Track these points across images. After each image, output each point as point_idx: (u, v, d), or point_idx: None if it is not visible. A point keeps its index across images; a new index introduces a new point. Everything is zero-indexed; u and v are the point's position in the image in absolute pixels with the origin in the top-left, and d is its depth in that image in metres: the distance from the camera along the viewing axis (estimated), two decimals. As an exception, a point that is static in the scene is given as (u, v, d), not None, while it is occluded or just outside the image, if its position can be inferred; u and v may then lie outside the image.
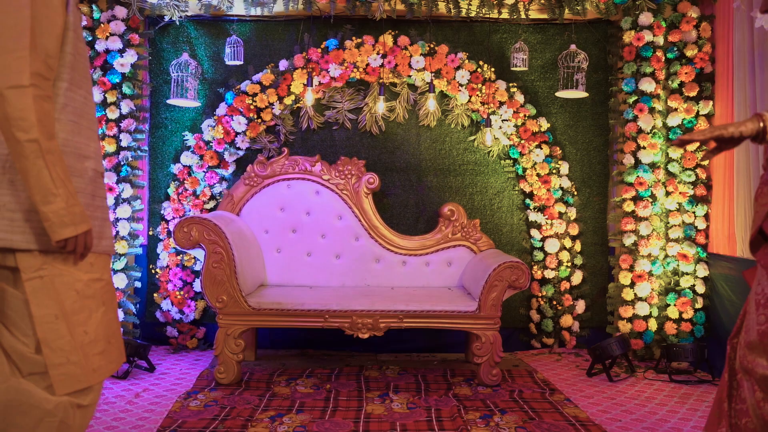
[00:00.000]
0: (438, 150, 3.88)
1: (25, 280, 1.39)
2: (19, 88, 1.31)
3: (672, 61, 3.61)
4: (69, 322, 1.42)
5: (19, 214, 1.39)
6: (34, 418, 1.39)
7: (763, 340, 1.50)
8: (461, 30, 3.86)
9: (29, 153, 1.33)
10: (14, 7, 1.33)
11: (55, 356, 1.40)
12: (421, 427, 2.51)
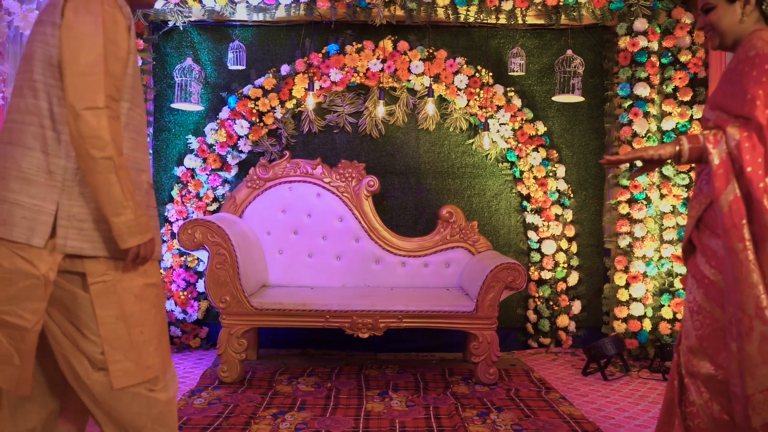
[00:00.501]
0: (437, 153, 3.95)
1: (91, 284, 1.50)
2: (94, 110, 1.41)
3: (666, 66, 3.68)
4: (127, 323, 1.53)
5: (88, 223, 1.49)
6: (125, 400, 1.54)
7: (702, 344, 1.62)
8: (460, 35, 3.93)
9: (103, 169, 1.43)
10: (88, 33, 1.43)
11: (114, 353, 1.52)
12: (420, 425, 2.58)
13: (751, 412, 1.49)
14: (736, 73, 1.60)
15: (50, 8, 1.48)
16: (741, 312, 1.48)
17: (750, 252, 1.47)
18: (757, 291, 1.46)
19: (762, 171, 1.49)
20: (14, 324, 1.46)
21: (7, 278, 1.46)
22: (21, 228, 1.45)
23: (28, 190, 1.46)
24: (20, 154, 1.47)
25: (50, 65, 1.47)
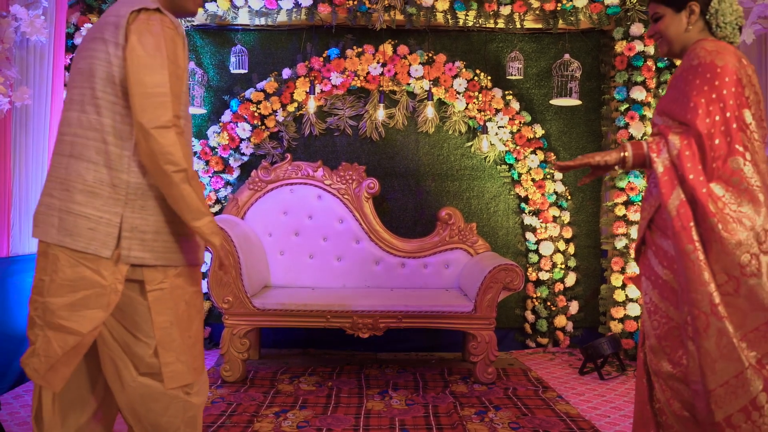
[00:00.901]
0: (436, 156, 4.01)
1: (149, 291, 1.59)
2: (164, 128, 1.49)
3: (662, 70, 3.73)
4: (180, 328, 1.63)
5: (149, 235, 1.58)
6: (163, 403, 1.62)
7: (660, 343, 1.69)
8: (459, 39, 3.99)
9: (179, 181, 1.51)
10: (152, 55, 1.50)
11: (168, 356, 1.61)
12: (419, 423, 2.64)
13: (714, 407, 1.55)
14: (681, 81, 1.67)
15: (111, 27, 1.54)
16: (697, 310, 1.54)
17: (700, 252, 1.54)
18: (710, 289, 1.52)
19: (703, 177, 1.57)
20: (69, 328, 1.53)
21: (70, 285, 1.53)
22: (87, 239, 1.53)
23: (94, 202, 1.54)
24: (85, 168, 1.54)
25: (112, 83, 1.54)
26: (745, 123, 1.57)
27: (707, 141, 1.57)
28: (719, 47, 1.63)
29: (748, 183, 1.54)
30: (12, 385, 3.06)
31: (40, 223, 1.58)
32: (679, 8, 1.70)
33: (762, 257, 1.53)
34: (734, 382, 1.52)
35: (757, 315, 1.53)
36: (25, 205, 3.20)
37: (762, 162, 1.58)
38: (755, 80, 1.63)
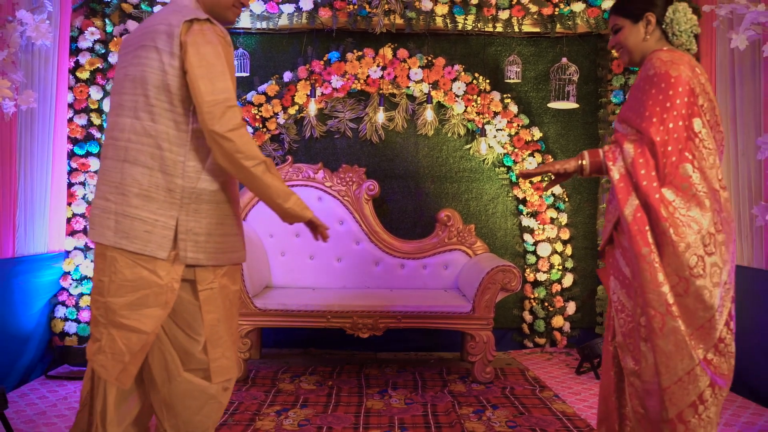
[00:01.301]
0: (435, 158, 4.06)
1: (200, 291, 1.67)
2: (237, 129, 1.57)
3: (658, 74, 3.78)
4: (226, 325, 1.71)
5: (202, 237, 1.65)
6: (201, 401, 1.69)
7: (626, 340, 1.77)
8: (458, 43, 4.03)
9: (260, 173, 1.61)
10: (215, 62, 1.58)
11: (215, 352, 1.69)
12: (418, 421, 2.68)
13: (668, 404, 1.62)
14: (639, 90, 1.73)
15: (164, 36, 1.59)
16: (653, 310, 1.62)
17: (655, 255, 1.61)
18: (665, 289, 1.60)
19: (656, 183, 1.64)
20: (132, 327, 1.60)
21: (129, 286, 1.61)
22: (143, 241, 1.60)
23: (149, 206, 1.60)
24: (140, 173, 1.61)
25: (167, 92, 1.59)
26: (695, 132, 1.64)
27: (660, 148, 1.64)
28: (674, 58, 1.69)
29: (696, 189, 1.62)
30: (17, 383, 3.10)
31: (97, 226, 1.65)
32: (637, 19, 1.79)
33: (707, 258, 1.62)
34: (686, 378, 1.61)
35: (702, 313, 1.62)
36: (30, 207, 3.25)
37: (710, 168, 1.65)
38: (708, 88, 1.70)
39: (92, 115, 3.71)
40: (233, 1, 1.75)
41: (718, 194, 1.66)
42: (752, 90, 3.13)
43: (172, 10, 1.65)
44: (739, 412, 2.90)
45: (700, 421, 1.62)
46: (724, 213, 1.66)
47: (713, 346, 1.64)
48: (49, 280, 3.50)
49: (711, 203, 1.63)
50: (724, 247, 1.65)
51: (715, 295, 1.62)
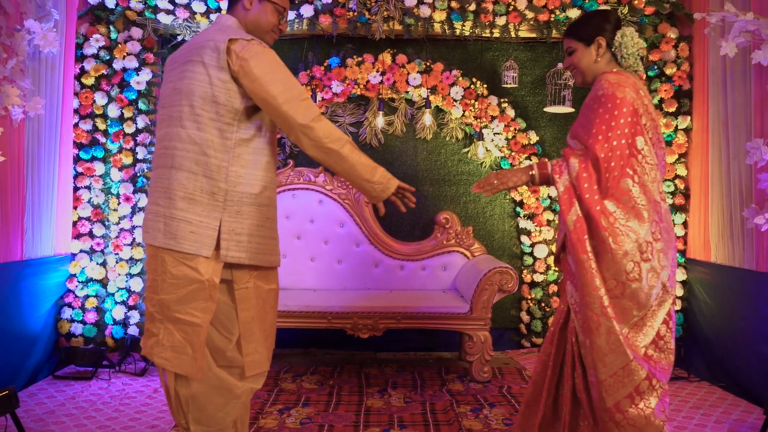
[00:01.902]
0: (434, 161, 4.13)
1: (236, 290, 1.80)
2: (318, 118, 1.74)
3: (653, 78, 3.85)
4: (259, 322, 1.84)
5: (244, 237, 1.77)
6: (226, 398, 1.80)
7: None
8: (456, 48, 4.11)
9: (347, 153, 1.79)
10: (280, 69, 1.74)
11: (249, 347, 1.82)
12: (417, 420, 2.76)
13: (605, 394, 1.78)
14: (588, 109, 1.87)
15: (209, 52, 1.72)
16: (590, 311, 1.77)
17: (593, 261, 1.76)
18: (601, 293, 1.75)
19: (598, 195, 1.79)
20: (186, 321, 1.73)
21: (176, 283, 1.73)
22: (189, 241, 1.71)
23: (194, 208, 1.73)
24: (185, 178, 1.73)
25: (213, 102, 1.73)
26: (637, 149, 1.79)
27: (603, 164, 1.78)
28: (620, 80, 1.83)
29: (635, 202, 1.77)
30: (25, 383, 3.18)
31: (149, 229, 1.78)
32: (589, 43, 1.94)
33: (642, 264, 1.77)
34: (621, 372, 1.76)
35: (636, 312, 1.79)
36: (38, 211, 3.32)
37: (651, 182, 1.80)
38: (651, 108, 1.86)
39: (97, 120, 3.79)
40: (272, 26, 1.92)
41: (659, 206, 1.81)
42: (743, 95, 3.20)
43: (217, 29, 1.80)
44: (730, 409, 2.97)
45: (638, 411, 1.77)
46: (663, 223, 1.81)
47: (652, 343, 1.80)
48: (55, 283, 3.57)
49: (650, 214, 1.78)
50: (662, 254, 1.80)
51: (651, 296, 1.78)
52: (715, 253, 3.48)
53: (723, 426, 2.73)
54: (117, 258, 3.78)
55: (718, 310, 3.44)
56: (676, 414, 2.89)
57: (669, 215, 1.86)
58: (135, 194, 3.82)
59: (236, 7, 1.90)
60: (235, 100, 1.75)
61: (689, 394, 3.20)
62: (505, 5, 3.81)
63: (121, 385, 3.22)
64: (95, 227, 3.76)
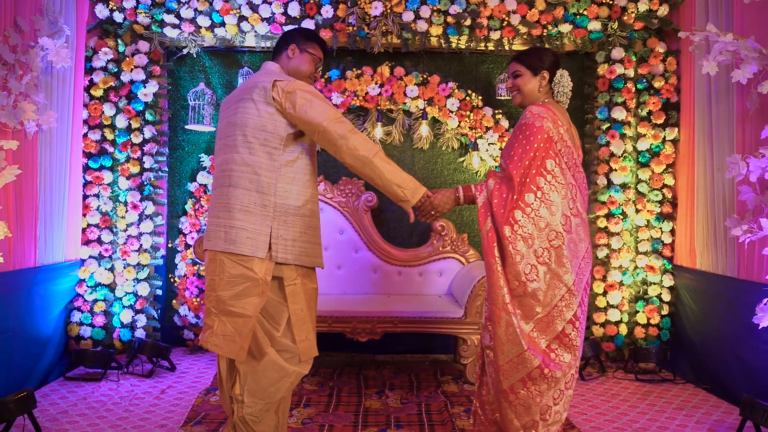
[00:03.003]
0: (430, 170, 4.27)
1: (286, 286, 2.13)
2: (353, 131, 2.06)
3: (641, 91, 4.00)
4: (307, 313, 2.16)
5: (289, 242, 2.11)
6: (279, 374, 2.12)
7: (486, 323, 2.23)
8: (452, 61, 4.25)
9: (378, 161, 2.07)
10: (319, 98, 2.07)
11: (301, 335, 2.14)
12: (413, 420, 2.90)
13: (502, 377, 2.10)
14: (514, 135, 2.19)
15: (258, 91, 2.08)
16: (494, 306, 2.09)
17: (498, 265, 2.09)
18: (503, 291, 2.07)
19: (504, 210, 2.10)
20: (238, 313, 2.05)
21: (233, 281, 2.06)
22: (246, 245, 2.06)
23: (249, 219, 2.07)
24: (241, 194, 2.08)
25: (262, 131, 2.08)
26: (546, 170, 2.10)
27: (515, 180, 2.10)
28: (541, 112, 2.13)
29: (537, 214, 2.07)
30: (38, 384, 3.31)
31: (211, 238, 2.12)
32: (536, 73, 2.23)
33: (540, 267, 2.07)
34: (516, 360, 2.06)
35: (539, 309, 2.08)
36: (50, 219, 3.46)
37: (562, 199, 2.08)
38: (566, 137, 2.15)
39: (106, 130, 3.93)
40: (309, 73, 2.30)
41: (570, 219, 2.10)
42: (726, 109, 3.34)
43: (264, 74, 2.17)
44: (712, 410, 3.11)
45: (529, 394, 2.08)
46: (572, 234, 2.09)
47: (556, 338, 2.08)
48: (65, 287, 3.71)
49: (545, 226, 2.06)
50: (566, 260, 2.07)
51: (550, 296, 2.07)
52: (701, 261, 3.62)
53: (703, 426, 2.87)
54: (124, 263, 3.92)
55: (703, 315, 3.58)
56: (660, 414, 3.03)
57: (582, 229, 2.13)
58: (142, 202, 3.96)
59: (281, 56, 2.29)
60: (280, 128, 2.08)
61: (674, 396, 3.35)
62: (500, 20, 3.94)
63: (129, 386, 3.36)
64: (103, 234, 3.91)
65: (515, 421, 2.12)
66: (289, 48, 2.28)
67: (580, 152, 2.23)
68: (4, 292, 2.98)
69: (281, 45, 2.30)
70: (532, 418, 2.10)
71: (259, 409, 2.11)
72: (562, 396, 2.12)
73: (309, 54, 2.29)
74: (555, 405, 2.11)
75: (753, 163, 2.73)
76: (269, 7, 3.90)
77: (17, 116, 2.95)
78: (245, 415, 2.11)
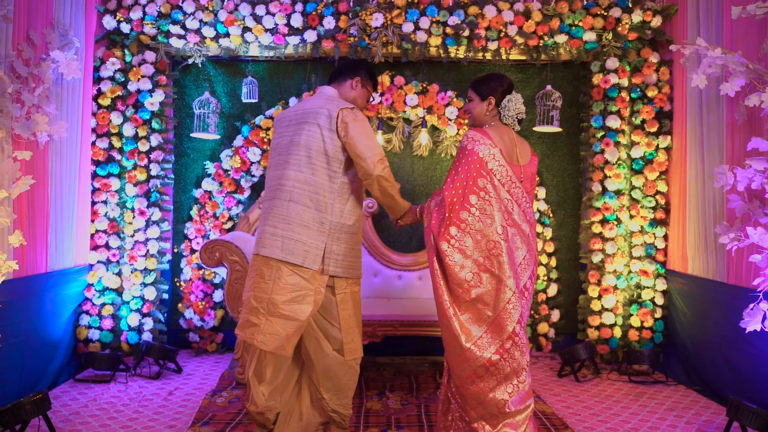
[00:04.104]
0: (430, 177, 4.38)
1: (337, 294, 2.43)
2: (388, 172, 2.40)
3: (635, 100, 4.10)
4: (355, 319, 2.47)
5: (340, 257, 2.40)
6: (344, 369, 2.46)
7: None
8: (450, 70, 4.35)
9: (394, 193, 2.47)
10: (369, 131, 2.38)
11: (348, 337, 2.45)
12: (412, 421, 3.00)
13: (453, 374, 2.38)
14: (455, 157, 2.45)
15: (324, 118, 2.36)
16: (439, 309, 2.35)
17: (439, 275, 2.34)
18: (444, 297, 2.32)
19: (443, 228, 2.33)
20: (290, 317, 2.30)
21: (289, 288, 2.32)
22: (302, 257, 2.32)
23: (308, 233, 2.34)
24: (301, 210, 2.35)
25: (325, 154, 2.36)
26: (479, 187, 2.33)
27: (447, 200, 2.34)
28: (476, 136, 2.37)
29: (471, 228, 2.31)
30: (49, 386, 3.41)
31: (268, 245, 2.35)
32: (483, 98, 2.48)
33: (483, 274, 2.30)
34: (460, 358, 2.29)
35: (489, 313, 2.30)
36: (60, 225, 3.56)
37: (497, 212, 2.31)
38: (500, 156, 2.36)
39: (113, 138, 4.03)
40: (362, 105, 2.62)
41: (506, 230, 2.33)
42: (716, 119, 3.44)
43: (327, 100, 2.43)
44: (701, 411, 3.22)
45: (476, 389, 2.29)
46: (510, 243, 2.32)
47: (509, 338, 2.29)
48: (75, 292, 3.82)
49: (482, 238, 2.30)
50: (506, 266, 2.29)
51: (498, 299, 2.28)
52: (692, 266, 3.72)
53: (693, 426, 2.98)
54: (132, 268, 4.02)
55: (695, 318, 3.68)
56: (651, 415, 3.14)
57: (519, 238, 2.36)
58: (149, 208, 4.06)
59: (343, 83, 2.57)
60: (340, 153, 2.36)
61: (666, 397, 3.45)
62: (497, 31, 4.05)
63: (137, 387, 3.46)
64: (111, 239, 4.01)
65: (471, 412, 2.33)
66: (354, 80, 2.56)
67: (524, 168, 2.44)
68: (17, 298, 3.08)
69: (346, 73, 2.56)
70: (488, 411, 2.29)
71: (338, 400, 2.48)
72: (518, 390, 2.31)
73: (367, 91, 2.61)
74: (511, 398, 2.29)
75: (740, 174, 2.83)
76: (272, 18, 4.00)
77: (30, 127, 3.05)
78: (335, 408, 2.48)
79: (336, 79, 2.58)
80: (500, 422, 2.29)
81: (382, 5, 4.01)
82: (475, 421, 2.32)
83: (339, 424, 2.54)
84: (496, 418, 2.29)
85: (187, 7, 3.97)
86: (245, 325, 2.36)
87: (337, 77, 2.58)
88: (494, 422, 2.29)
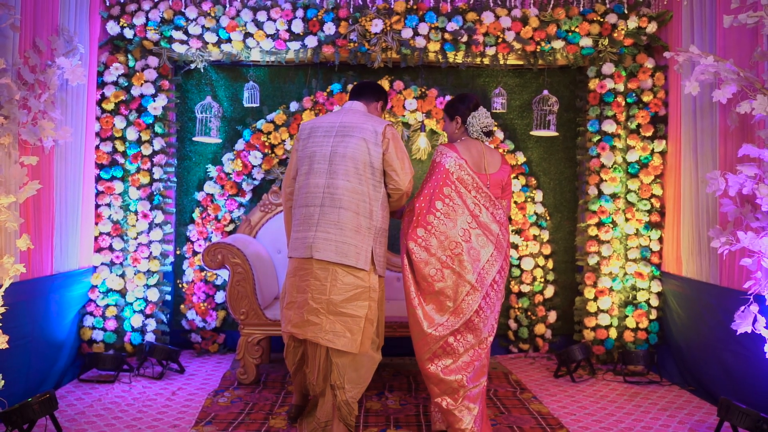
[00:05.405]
0: (428, 180, 4.43)
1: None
2: (410, 188, 2.74)
3: (631, 105, 4.16)
4: (379, 313, 2.72)
5: (381, 258, 2.71)
6: (372, 363, 2.73)
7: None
8: (449, 75, 4.41)
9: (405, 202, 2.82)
10: (403, 148, 2.72)
11: (369, 329, 2.65)
12: (411, 421, 3.06)
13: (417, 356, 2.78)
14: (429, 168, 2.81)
15: (370, 133, 2.64)
16: (406, 298, 2.71)
17: (408, 270, 2.71)
18: (412, 289, 2.69)
19: (410, 230, 2.70)
20: (350, 314, 2.58)
21: (345, 287, 2.58)
22: (354, 258, 2.59)
23: (358, 237, 2.61)
24: (352, 216, 2.61)
25: (370, 166, 2.64)
26: (444, 194, 2.69)
27: (417, 205, 2.73)
28: (444, 150, 2.75)
29: (436, 229, 2.67)
30: (54, 386, 3.48)
31: (322, 249, 2.58)
32: (451, 118, 2.89)
33: (445, 270, 2.66)
34: (422, 341, 2.68)
35: (450, 304, 2.66)
36: (65, 228, 3.62)
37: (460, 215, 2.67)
38: (465, 166, 2.71)
39: (117, 142, 4.09)
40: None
41: (468, 232, 2.68)
42: (710, 124, 3.50)
43: (364, 116, 2.73)
44: (694, 411, 3.28)
45: (435, 368, 2.67)
46: (472, 243, 2.66)
47: (464, 324, 2.66)
48: (79, 293, 3.88)
49: (445, 238, 2.64)
50: (467, 263, 2.64)
51: (458, 292, 2.64)
52: (686, 268, 3.78)
53: (685, 426, 3.04)
54: (135, 270, 4.09)
55: (689, 320, 3.75)
56: (645, 415, 3.20)
57: (485, 238, 2.68)
58: (151, 211, 4.12)
59: (370, 103, 2.88)
60: (382, 165, 2.65)
61: (660, 397, 3.52)
62: (495, 37, 4.11)
63: (141, 387, 3.53)
64: (115, 241, 4.07)
65: (435, 389, 2.68)
66: (380, 103, 2.91)
67: (491, 176, 2.75)
68: (23, 299, 3.14)
69: (372, 94, 2.88)
70: (449, 386, 2.64)
71: (357, 392, 2.64)
72: (471, 366, 2.68)
73: (382, 114, 3.01)
74: (466, 374, 2.66)
75: (731, 179, 2.89)
76: (274, 24, 4.06)
77: (37, 133, 3.11)
78: (348, 399, 2.61)
79: (362, 96, 2.87)
80: (460, 395, 2.64)
81: (382, 11, 4.08)
82: (438, 396, 2.67)
83: (344, 419, 2.65)
84: (456, 392, 2.65)
85: (189, 13, 4.03)
86: (304, 324, 2.58)
87: (363, 95, 2.87)
88: (455, 396, 2.65)
